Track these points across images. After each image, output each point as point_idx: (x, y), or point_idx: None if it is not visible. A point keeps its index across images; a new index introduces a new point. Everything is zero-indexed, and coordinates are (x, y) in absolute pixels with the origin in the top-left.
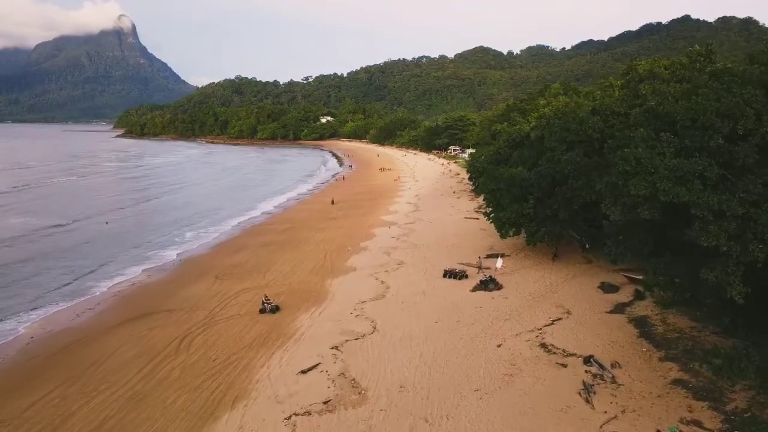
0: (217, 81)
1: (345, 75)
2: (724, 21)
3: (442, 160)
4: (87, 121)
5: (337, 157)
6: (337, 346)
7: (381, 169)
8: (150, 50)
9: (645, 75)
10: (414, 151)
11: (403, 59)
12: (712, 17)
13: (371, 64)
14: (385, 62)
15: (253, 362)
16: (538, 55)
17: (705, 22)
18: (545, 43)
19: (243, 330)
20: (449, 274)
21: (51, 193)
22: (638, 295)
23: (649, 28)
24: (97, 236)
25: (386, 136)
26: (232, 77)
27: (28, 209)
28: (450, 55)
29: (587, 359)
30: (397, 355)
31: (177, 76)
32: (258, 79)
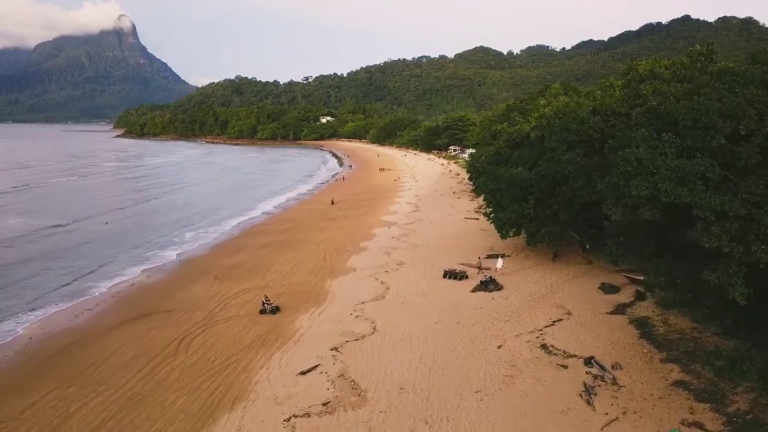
0: (217, 81)
1: (345, 75)
2: (724, 21)
3: (442, 161)
4: (87, 121)
5: (337, 157)
6: (336, 347)
7: (381, 169)
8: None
9: (646, 75)
10: (414, 152)
11: (403, 59)
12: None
13: (371, 64)
14: (385, 62)
15: (253, 363)
16: (538, 55)
17: (705, 22)
18: (545, 43)
19: (242, 331)
20: (449, 274)
21: (51, 193)
22: (639, 296)
23: (649, 28)
24: (96, 236)
25: (386, 136)
26: (232, 77)
27: (28, 209)
28: (450, 55)
29: (588, 360)
30: (397, 356)
31: (177, 76)
32: (258, 79)
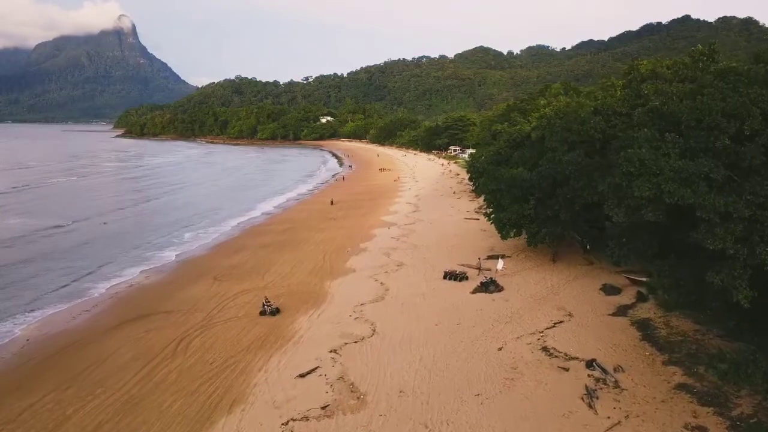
0: (217, 81)
1: (345, 75)
2: (725, 21)
3: (442, 161)
4: (87, 121)
5: (336, 157)
6: (335, 349)
7: (381, 169)
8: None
9: (647, 75)
10: (414, 152)
11: (403, 59)
12: (712, 17)
13: (371, 64)
14: (385, 62)
15: (251, 365)
16: (538, 55)
17: (705, 22)
18: (545, 43)
19: (241, 332)
20: (449, 275)
21: (50, 193)
22: (640, 297)
23: (649, 28)
24: (96, 237)
25: (386, 136)
26: (232, 77)
27: (28, 210)
28: (450, 55)
29: (589, 363)
30: (397, 358)
31: (177, 76)
32: (258, 79)
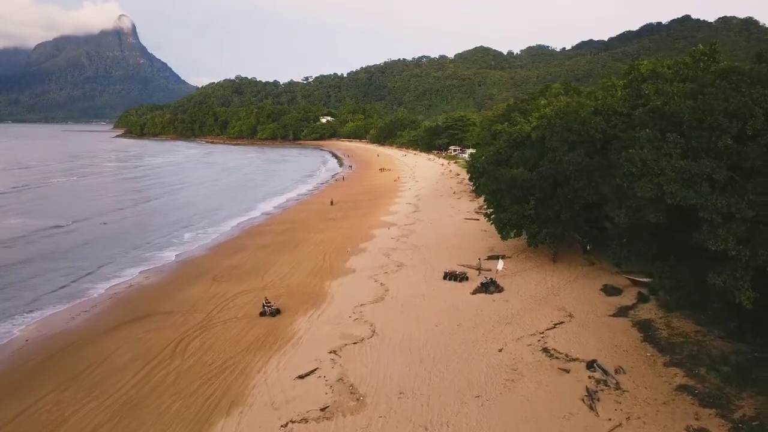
0: (217, 81)
1: (345, 75)
2: (725, 21)
3: (442, 161)
4: (87, 121)
5: (336, 158)
6: (335, 350)
7: (381, 169)
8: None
9: (648, 75)
10: (414, 152)
11: (403, 59)
12: (712, 17)
13: (371, 64)
14: (385, 62)
15: (250, 367)
16: (538, 55)
17: (705, 22)
18: (545, 43)
19: (240, 333)
20: (449, 276)
21: (50, 193)
22: (642, 298)
23: (650, 28)
24: (95, 237)
25: (386, 136)
26: (232, 77)
27: (28, 210)
28: (450, 55)
29: (590, 364)
30: (397, 359)
31: (177, 76)
32: (258, 79)
